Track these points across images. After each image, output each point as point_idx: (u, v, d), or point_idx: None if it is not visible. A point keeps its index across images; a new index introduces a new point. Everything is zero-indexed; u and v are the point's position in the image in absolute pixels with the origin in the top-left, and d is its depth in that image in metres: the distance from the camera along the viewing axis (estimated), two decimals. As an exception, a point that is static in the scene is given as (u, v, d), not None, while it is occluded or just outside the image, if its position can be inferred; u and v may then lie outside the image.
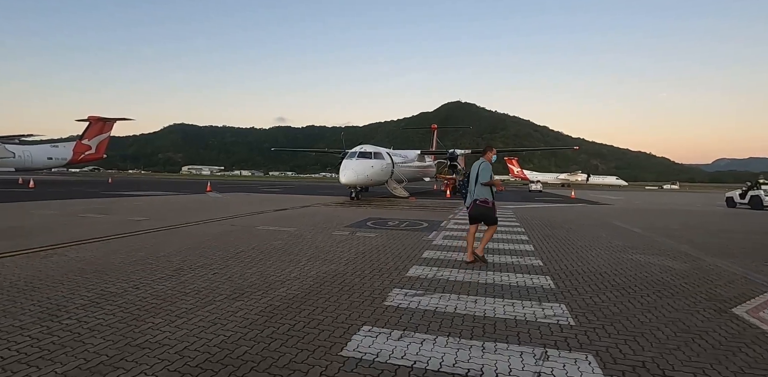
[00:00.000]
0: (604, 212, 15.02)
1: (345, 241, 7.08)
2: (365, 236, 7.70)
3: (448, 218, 11.17)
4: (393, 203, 17.20)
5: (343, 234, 7.93)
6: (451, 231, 8.65)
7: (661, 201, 24.62)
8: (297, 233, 7.92)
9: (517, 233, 8.45)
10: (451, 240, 7.49)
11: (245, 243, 6.73)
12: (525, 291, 4.23)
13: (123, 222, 9.11)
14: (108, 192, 20.75)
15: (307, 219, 10.38)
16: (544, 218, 11.79)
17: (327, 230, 8.40)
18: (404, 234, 8.00)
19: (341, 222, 9.82)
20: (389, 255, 5.95)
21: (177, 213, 11.35)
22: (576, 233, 8.71)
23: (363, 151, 19.35)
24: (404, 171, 23.51)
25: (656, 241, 7.82)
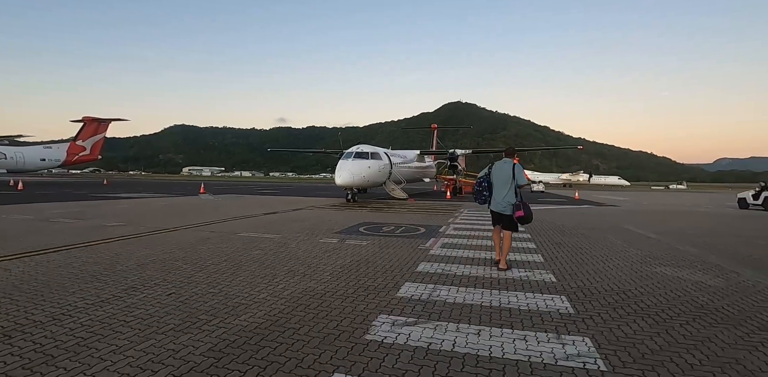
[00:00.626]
0: (612, 214, 14.28)
1: (332, 251, 6.35)
2: (355, 244, 6.97)
3: (447, 222, 10.43)
4: (390, 205, 16.48)
5: (332, 242, 7.20)
6: (451, 238, 7.92)
7: (669, 202, 23.84)
8: (280, 241, 7.19)
9: (523, 240, 7.71)
10: (450, 249, 6.75)
11: (219, 253, 6.01)
12: (538, 318, 3.49)
13: (94, 227, 8.40)
14: (97, 194, 20.06)
15: (297, 224, 9.66)
16: (550, 222, 11.05)
17: (314, 237, 7.67)
18: (398, 242, 7.27)
19: (332, 227, 9.10)
20: (379, 269, 5.22)
21: (158, 217, 10.64)
22: (587, 240, 7.96)
23: (360, 151, 18.63)
24: (403, 172, 22.78)
25: (677, 249, 7.07)
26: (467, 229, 9.12)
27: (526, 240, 7.66)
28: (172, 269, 5.01)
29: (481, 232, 8.69)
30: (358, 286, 4.42)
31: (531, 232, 8.77)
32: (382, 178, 19.58)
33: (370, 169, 18.04)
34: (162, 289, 4.17)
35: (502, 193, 5.39)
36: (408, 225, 9.73)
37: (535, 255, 6.28)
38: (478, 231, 8.91)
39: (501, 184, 5.43)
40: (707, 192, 52.63)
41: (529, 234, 8.41)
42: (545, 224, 10.49)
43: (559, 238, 8.02)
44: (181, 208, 13.50)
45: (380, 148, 20.94)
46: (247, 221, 10.07)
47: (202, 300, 3.85)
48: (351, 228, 9.01)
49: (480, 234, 8.46)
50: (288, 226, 9.16)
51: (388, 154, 20.92)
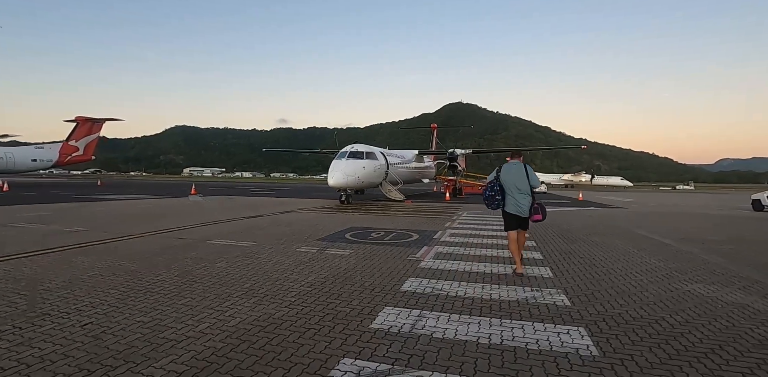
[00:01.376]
0: (621, 217, 13.40)
1: (307, 263, 5.50)
2: (336, 254, 6.13)
3: (444, 227, 9.58)
4: (386, 208, 15.64)
5: (310, 251, 6.35)
6: (446, 246, 7.06)
7: (676, 204, 22.93)
8: (252, 250, 6.35)
9: (528, 249, 6.85)
10: (444, 260, 5.90)
11: (176, 266, 5.17)
12: (553, 367, 2.64)
13: (52, 233, 7.57)
14: (83, 196, 19.27)
15: (278, 229, 8.81)
16: (556, 226, 10.19)
17: (292, 245, 6.83)
18: (386, 252, 6.42)
19: (316, 233, 8.25)
20: (356, 288, 4.38)
21: (130, 221, 9.81)
22: (599, 248, 7.09)
23: (354, 151, 17.80)
24: (400, 172, 21.94)
25: (703, 260, 6.21)
26: (464, 235, 8.27)
27: (531, 249, 6.80)
28: (109, 288, 4.17)
29: (479, 239, 7.84)
30: (326, 312, 3.58)
31: (536, 239, 7.91)
32: (377, 179, 18.74)
33: (365, 170, 17.21)
34: (79, 317, 3.33)
35: (520, 195, 5.23)
36: (400, 230, 8.88)
37: (542, 268, 5.41)
38: (476, 238, 8.06)
39: (517, 186, 5.24)
40: (712, 192, 51.66)
41: (534, 242, 7.55)
42: (551, 229, 9.64)
43: (567, 247, 7.16)
44: (162, 211, 12.68)
45: (376, 148, 20.11)
46: (225, 225, 9.24)
47: (121, 335, 3.01)
48: (336, 234, 8.17)
49: (478, 241, 7.61)
50: (268, 232, 8.32)
51: (384, 153, 20.09)
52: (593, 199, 25.95)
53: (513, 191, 5.25)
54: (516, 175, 5.27)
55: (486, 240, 7.73)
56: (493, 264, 5.66)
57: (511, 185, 5.26)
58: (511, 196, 5.26)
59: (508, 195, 5.29)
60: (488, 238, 7.91)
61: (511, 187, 5.26)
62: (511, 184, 5.26)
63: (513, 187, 5.24)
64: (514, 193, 5.24)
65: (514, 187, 5.23)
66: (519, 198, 5.21)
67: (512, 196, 5.25)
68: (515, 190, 5.23)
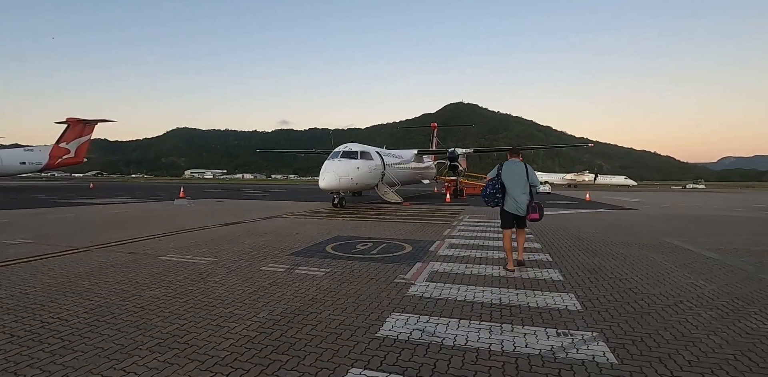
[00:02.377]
0: (639, 221, 12.19)
1: (266, 289, 4.35)
2: (307, 275, 4.97)
3: (442, 236, 8.41)
4: (381, 211, 14.48)
5: (277, 270, 5.20)
6: (443, 261, 5.88)
7: (692, 205, 21.65)
8: (206, 270, 5.21)
9: (543, 265, 5.68)
10: (440, 282, 4.72)
11: (95, 295, 4.03)
12: None
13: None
14: (62, 201, 18.22)
15: (251, 239, 7.66)
16: (571, 233, 9.01)
17: (259, 262, 5.68)
18: (370, 270, 5.26)
19: (293, 244, 7.10)
20: (319, 331, 3.22)
21: (89, 230, 8.69)
22: (629, 264, 5.89)
23: (347, 151, 16.67)
24: (398, 173, 20.79)
25: (761, 280, 5.03)
26: (465, 247, 7.10)
27: (546, 266, 5.62)
28: (-23, 335, 3.04)
29: (482, 252, 6.67)
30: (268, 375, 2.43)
31: (551, 251, 6.73)
32: (373, 180, 17.59)
33: (359, 170, 16.07)
34: None
35: (519, 194, 5.23)
36: (391, 240, 7.70)
37: (566, 296, 4.22)
38: (478, 249, 6.89)
39: (517, 184, 5.24)
40: (723, 191, 50.25)
41: (548, 255, 6.36)
42: (565, 236, 8.46)
43: (590, 262, 5.96)
44: (134, 218, 11.55)
45: (372, 147, 18.97)
46: (193, 235, 8.10)
47: None
48: (317, 245, 7.01)
49: (481, 255, 6.43)
50: (238, 243, 7.17)
51: (380, 153, 18.96)
52: (601, 200, 24.72)
53: (513, 190, 5.24)
54: (517, 173, 5.26)
55: (491, 252, 6.56)
56: (501, 288, 4.49)
57: (512, 184, 5.24)
58: (511, 195, 5.25)
59: (507, 194, 5.28)
60: (493, 251, 6.75)
61: (512, 185, 5.24)
62: (512, 182, 5.25)
63: (513, 186, 5.23)
64: (514, 192, 5.23)
65: (515, 186, 5.22)
66: (518, 197, 5.21)
67: (512, 195, 5.24)
68: (515, 189, 5.22)
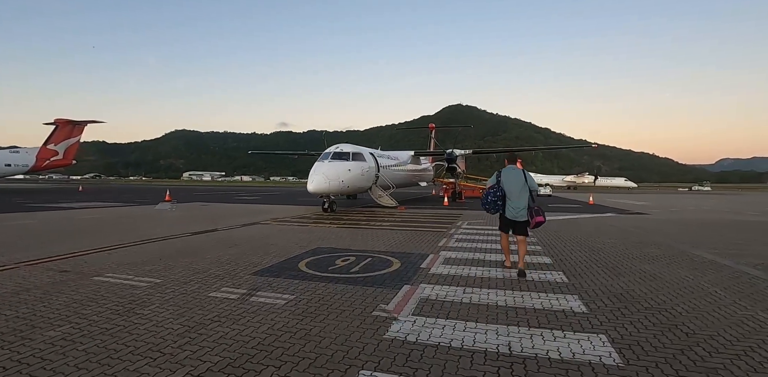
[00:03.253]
0: (653, 228, 11.19)
1: (205, 326, 3.33)
2: (264, 305, 3.95)
3: (437, 247, 7.37)
4: (373, 217, 13.47)
5: (229, 297, 4.17)
6: (436, 283, 4.84)
7: (702, 208, 20.66)
8: (143, 296, 4.18)
9: (558, 288, 4.65)
10: (432, 316, 3.68)
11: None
12: None
13: None
14: (37, 205, 17.19)
15: (216, 253, 6.63)
16: (583, 244, 7.99)
17: (211, 284, 4.66)
18: (344, 298, 4.23)
19: (262, 259, 6.07)
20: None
21: (37, 240, 7.65)
22: (663, 286, 4.80)
23: (339, 152, 15.69)
24: (393, 175, 19.78)
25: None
26: (464, 262, 6.07)
27: (562, 289, 4.58)
28: None
29: (484, 270, 5.63)
30: None
31: (565, 268, 5.71)
32: (366, 183, 16.58)
33: (351, 173, 15.08)
34: None
35: (519, 200, 5.28)
36: (377, 254, 6.67)
37: (595, 338, 3.16)
38: (479, 266, 5.86)
39: (517, 191, 5.28)
40: (724, 194, 49.34)
41: (563, 274, 5.33)
42: (577, 247, 7.45)
43: (615, 283, 4.91)
44: (97, 225, 10.51)
45: (365, 148, 17.96)
46: (151, 247, 7.07)
47: None
48: (289, 261, 5.99)
49: (483, 273, 5.39)
50: (198, 258, 6.14)
51: (374, 154, 17.96)
52: (604, 203, 23.76)
53: (513, 196, 5.29)
54: (515, 180, 5.31)
55: (494, 271, 5.53)
56: (510, 326, 3.46)
57: (511, 190, 5.30)
58: (510, 202, 5.30)
59: (507, 201, 5.33)
60: (496, 268, 5.72)
61: (511, 192, 5.29)
62: (511, 189, 5.30)
63: (513, 192, 5.28)
64: (514, 198, 5.27)
65: (514, 192, 5.27)
66: (517, 204, 5.26)
67: (511, 202, 5.29)
68: (515, 195, 5.27)
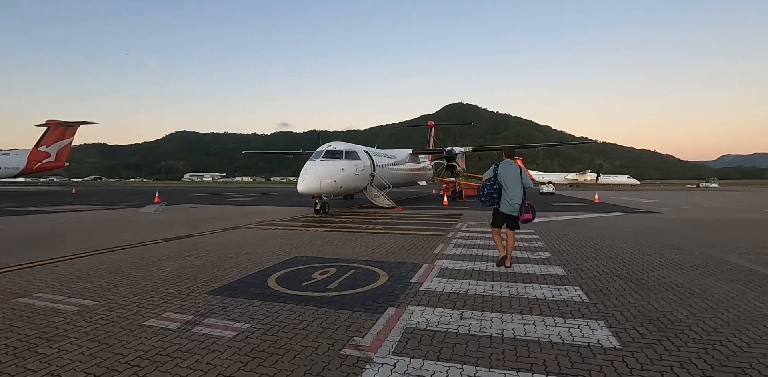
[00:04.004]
0: (673, 230, 10.30)
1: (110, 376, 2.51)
2: (206, 339, 3.09)
3: (432, 255, 6.51)
4: (367, 218, 12.64)
5: (167, 327, 3.33)
6: (430, 305, 3.99)
7: (715, 206, 19.75)
8: (62, 325, 3.35)
9: (579, 312, 3.80)
10: (420, 355, 2.82)
11: None
12: None
13: None
14: (17, 209, 16.44)
15: (176, 264, 5.79)
16: (598, 249, 7.13)
17: (154, 307, 3.83)
18: (310, 327, 3.37)
19: (227, 273, 5.23)
20: None
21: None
22: (706, 306, 3.91)
23: (331, 150, 14.88)
24: (389, 174, 18.95)
25: None
26: (463, 274, 5.21)
27: (584, 312, 3.71)
28: None
29: (486, 283, 4.78)
30: None
31: (582, 281, 4.84)
32: (360, 183, 15.75)
33: (344, 172, 14.25)
34: None
35: (513, 195, 5.31)
36: (364, 263, 5.81)
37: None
38: (480, 279, 5.00)
39: (512, 185, 5.33)
40: (731, 190, 48.37)
41: (580, 289, 4.46)
42: (591, 254, 6.59)
43: (644, 302, 4.03)
44: (66, 230, 9.69)
45: (360, 146, 17.12)
46: (109, 257, 6.25)
47: None
48: (258, 274, 5.15)
49: (486, 289, 4.54)
50: (153, 271, 5.30)
51: (369, 152, 17.13)
52: (610, 201, 22.88)
53: (508, 190, 5.32)
54: (512, 174, 5.34)
55: (497, 286, 4.66)
56: (521, 371, 2.63)
57: (507, 185, 5.32)
58: (506, 196, 5.32)
59: (503, 194, 5.35)
60: (500, 282, 4.88)
61: (507, 186, 5.32)
62: (508, 183, 5.32)
63: (509, 187, 5.31)
64: (509, 193, 5.30)
65: (510, 187, 5.30)
66: (513, 198, 5.28)
67: (507, 196, 5.31)
68: (510, 190, 5.30)
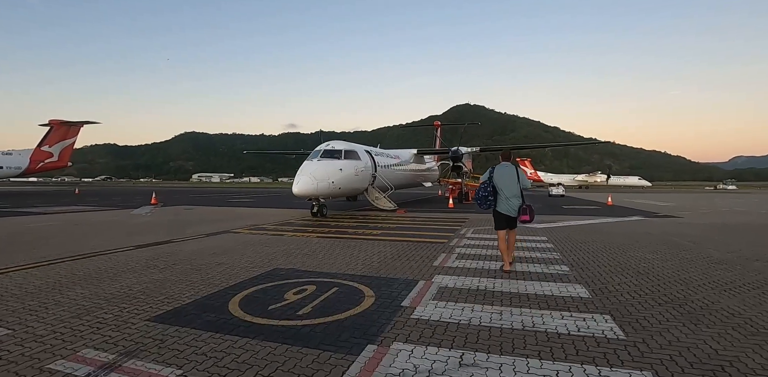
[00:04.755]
0: (702, 237, 9.32)
1: None
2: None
3: (432, 268, 5.67)
4: (366, 222, 11.83)
5: (72, 375, 2.58)
6: (422, 340, 3.16)
7: (736, 209, 18.61)
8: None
9: (608, 348, 2.95)
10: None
11: None
12: None
13: None
14: (6, 209, 15.92)
15: (133, 277, 5.03)
16: (623, 262, 6.21)
17: (75, 341, 3.05)
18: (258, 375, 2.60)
19: (185, 291, 4.45)
20: None
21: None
22: None
23: (329, 149, 14.10)
24: (393, 175, 18.14)
25: None
26: (466, 294, 4.37)
27: (621, 353, 2.87)
28: None
29: (496, 309, 3.94)
30: None
31: (612, 305, 3.97)
32: (361, 184, 14.95)
33: (343, 173, 13.45)
34: None
35: (511, 196, 5.46)
36: (349, 279, 4.96)
37: None
38: (487, 302, 4.16)
39: (509, 187, 5.48)
40: (748, 193, 46.69)
41: (611, 319, 3.57)
42: (616, 268, 5.69)
43: (701, 345, 3.09)
44: (32, 235, 9.02)
45: (360, 146, 16.32)
46: (60, 269, 5.50)
47: None
48: (220, 294, 4.36)
49: (494, 318, 3.71)
50: (103, 287, 4.53)
51: (371, 152, 16.32)
52: (624, 204, 21.82)
53: (505, 192, 5.48)
54: (508, 176, 5.50)
55: (507, 313, 3.84)
56: None
57: (504, 186, 5.49)
58: (503, 197, 5.50)
59: (499, 196, 5.54)
60: (511, 308, 4.03)
61: (504, 187, 5.49)
62: (504, 185, 5.49)
63: (505, 188, 5.48)
64: (506, 194, 5.46)
65: (507, 188, 5.46)
66: (510, 199, 5.45)
67: (504, 197, 5.48)
68: (507, 191, 5.46)
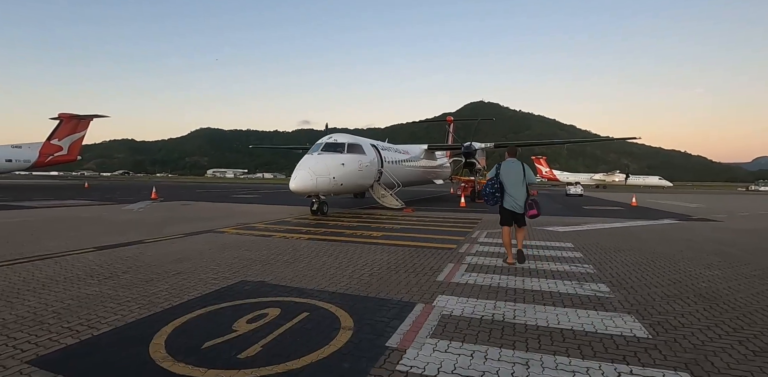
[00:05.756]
0: (755, 246, 8.07)
1: None
2: None
3: (435, 285, 4.62)
4: (368, 222, 10.82)
5: None
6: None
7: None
8: None
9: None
10: None
11: None
12: None
13: None
14: (12, 204, 15.45)
15: (63, 289, 4.09)
16: (677, 280, 5.05)
17: None
18: None
19: (109, 315, 3.49)
20: None
21: None
22: None
23: (332, 142, 13.12)
24: (401, 171, 17.08)
25: None
26: (477, 325, 3.32)
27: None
28: None
29: (523, 356, 2.92)
30: None
31: (679, 348, 2.86)
32: (365, 181, 13.94)
33: (345, 168, 12.46)
34: None
35: (517, 192, 5.56)
36: (327, 300, 3.90)
37: None
38: (506, 337, 3.13)
39: (515, 183, 5.58)
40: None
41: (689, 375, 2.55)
42: (673, 291, 4.54)
43: None
44: (21, 231, 8.29)
45: (365, 139, 15.28)
46: (20, 269, 4.66)
47: None
48: (153, 319, 3.37)
49: (518, 369, 2.70)
50: (10, 306, 3.65)
51: (378, 147, 15.29)
52: (649, 204, 20.36)
53: (511, 188, 5.60)
54: (514, 172, 5.59)
55: (540, 361, 2.82)
56: None
57: (510, 182, 5.59)
58: (509, 193, 5.60)
59: (506, 192, 5.62)
60: (542, 351, 2.99)
61: (510, 184, 5.59)
62: (510, 181, 5.59)
63: (511, 185, 5.59)
64: (512, 190, 5.58)
65: (513, 185, 5.58)
66: (516, 195, 5.56)
67: (510, 193, 5.59)
68: (513, 187, 5.58)
